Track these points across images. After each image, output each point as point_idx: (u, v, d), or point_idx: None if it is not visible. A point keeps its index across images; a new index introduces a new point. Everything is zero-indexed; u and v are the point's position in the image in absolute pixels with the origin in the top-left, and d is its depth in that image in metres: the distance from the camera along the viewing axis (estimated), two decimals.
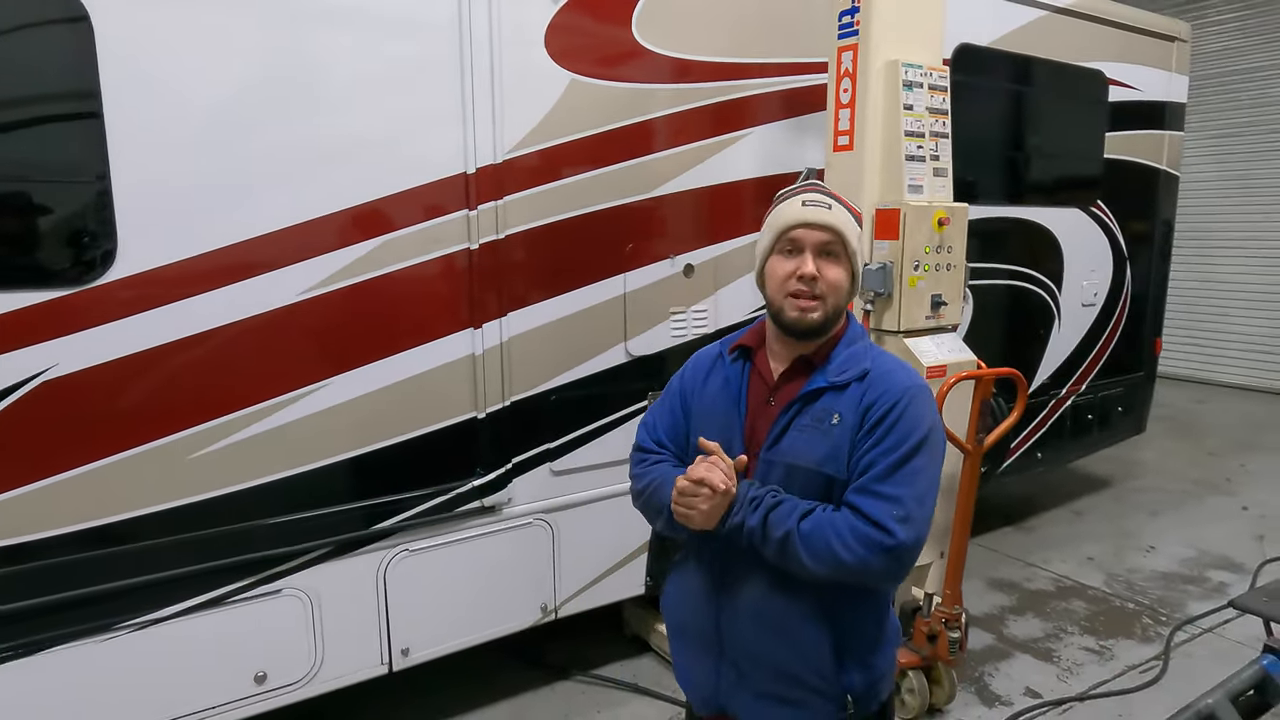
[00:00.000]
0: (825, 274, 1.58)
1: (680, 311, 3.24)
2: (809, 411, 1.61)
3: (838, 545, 1.50)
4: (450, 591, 2.90)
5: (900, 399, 1.57)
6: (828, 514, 1.53)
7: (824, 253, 1.59)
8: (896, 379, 1.60)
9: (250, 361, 2.43)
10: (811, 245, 1.59)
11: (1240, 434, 7.23)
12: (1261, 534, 4.97)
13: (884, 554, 1.50)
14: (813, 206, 1.60)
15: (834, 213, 1.60)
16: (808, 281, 1.57)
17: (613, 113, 2.98)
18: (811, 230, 1.59)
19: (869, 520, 1.50)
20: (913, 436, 1.55)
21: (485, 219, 2.75)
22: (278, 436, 2.49)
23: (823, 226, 1.59)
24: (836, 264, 1.60)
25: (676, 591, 1.81)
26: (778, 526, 1.53)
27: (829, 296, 1.59)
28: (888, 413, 1.55)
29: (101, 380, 2.23)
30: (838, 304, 1.61)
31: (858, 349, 1.65)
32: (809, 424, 1.60)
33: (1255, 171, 8.80)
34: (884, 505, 1.50)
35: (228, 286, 2.37)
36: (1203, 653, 3.61)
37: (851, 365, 1.62)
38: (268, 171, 2.40)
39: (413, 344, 2.69)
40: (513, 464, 2.95)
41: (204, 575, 2.44)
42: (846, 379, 1.60)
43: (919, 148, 2.91)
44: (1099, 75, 4.72)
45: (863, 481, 1.54)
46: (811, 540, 1.51)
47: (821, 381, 1.61)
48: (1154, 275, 5.44)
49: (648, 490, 1.74)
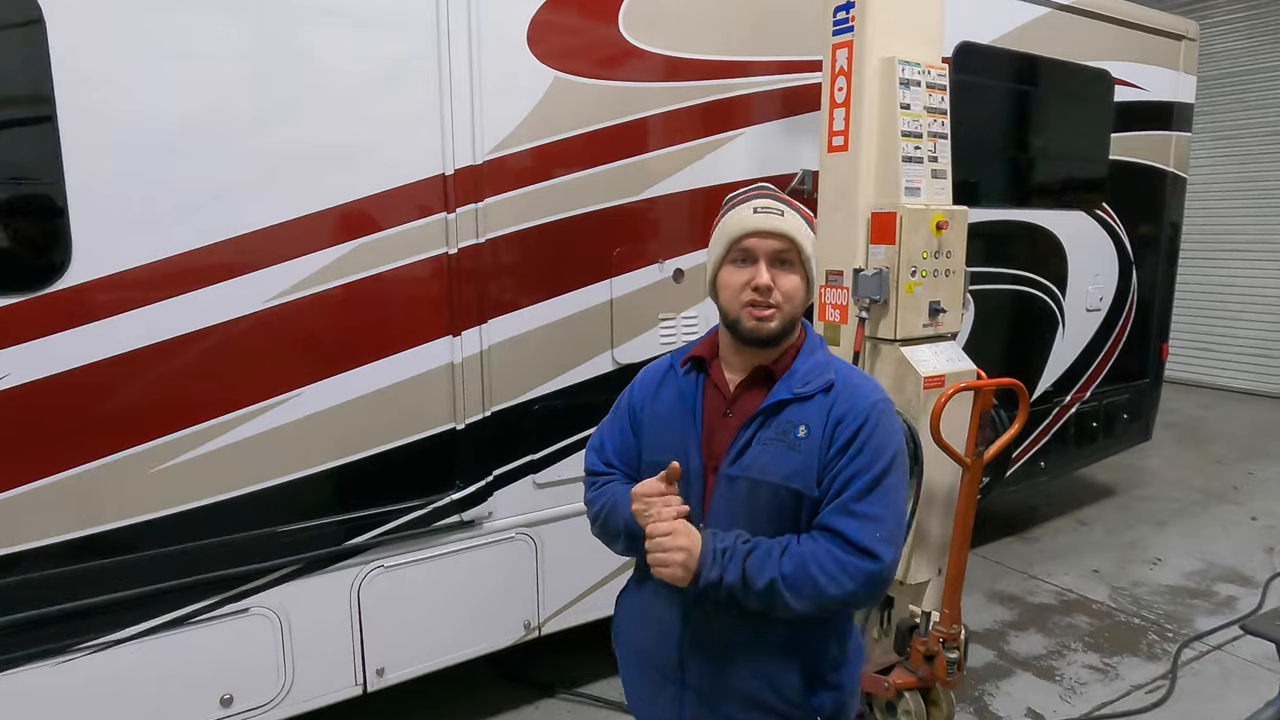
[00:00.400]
0: (780, 283, 1.52)
1: (669, 318, 3.13)
2: (773, 424, 1.53)
3: (824, 581, 1.43)
4: (428, 609, 2.79)
5: (870, 413, 1.51)
6: (805, 547, 1.46)
7: (778, 261, 1.52)
8: (864, 393, 1.55)
9: (216, 370, 2.33)
10: (765, 254, 1.52)
11: (1248, 440, 7.10)
12: (1271, 545, 4.84)
13: (870, 580, 1.45)
14: (765, 213, 1.53)
15: (787, 219, 1.53)
16: (763, 292, 1.50)
17: (599, 112, 2.87)
18: (764, 239, 1.52)
19: (853, 546, 1.43)
20: (886, 453, 1.50)
21: (464, 222, 2.64)
22: (246, 449, 2.39)
23: (776, 234, 1.51)
24: (791, 272, 1.53)
25: (633, 617, 1.72)
26: (759, 576, 1.44)
27: (785, 305, 1.52)
28: (859, 428, 1.49)
29: (57, 391, 2.13)
30: (794, 312, 1.55)
31: (820, 359, 1.59)
32: (774, 437, 1.52)
33: (1262, 173, 8.66)
34: (867, 526, 1.45)
35: (192, 292, 2.26)
36: (1211, 671, 3.48)
37: (815, 376, 1.55)
38: (233, 173, 2.29)
39: (388, 352, 2.58)
40: (494, 476, 2.84)
41: (167, 594, 2.33)
42: (811, 390, 1.53)
43: (916, 148, 2.80)
44: (1105, 75, 4.60)
45: (842, 500, 1.47)
46: (796, 582, 1.43)
47: (785, 393, 1.53)
48: (1161, 279, 5.32)
49: (602, 514, 1.65)
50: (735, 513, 1.53)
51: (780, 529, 1.52)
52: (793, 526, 1.52)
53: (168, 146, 2.20)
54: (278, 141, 2.35)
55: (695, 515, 1.58)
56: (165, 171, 2.20)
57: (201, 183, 2.25)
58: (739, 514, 1.53)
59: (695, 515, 1.58)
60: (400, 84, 2.51)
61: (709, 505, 1.57)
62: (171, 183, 2.21)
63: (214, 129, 2.26)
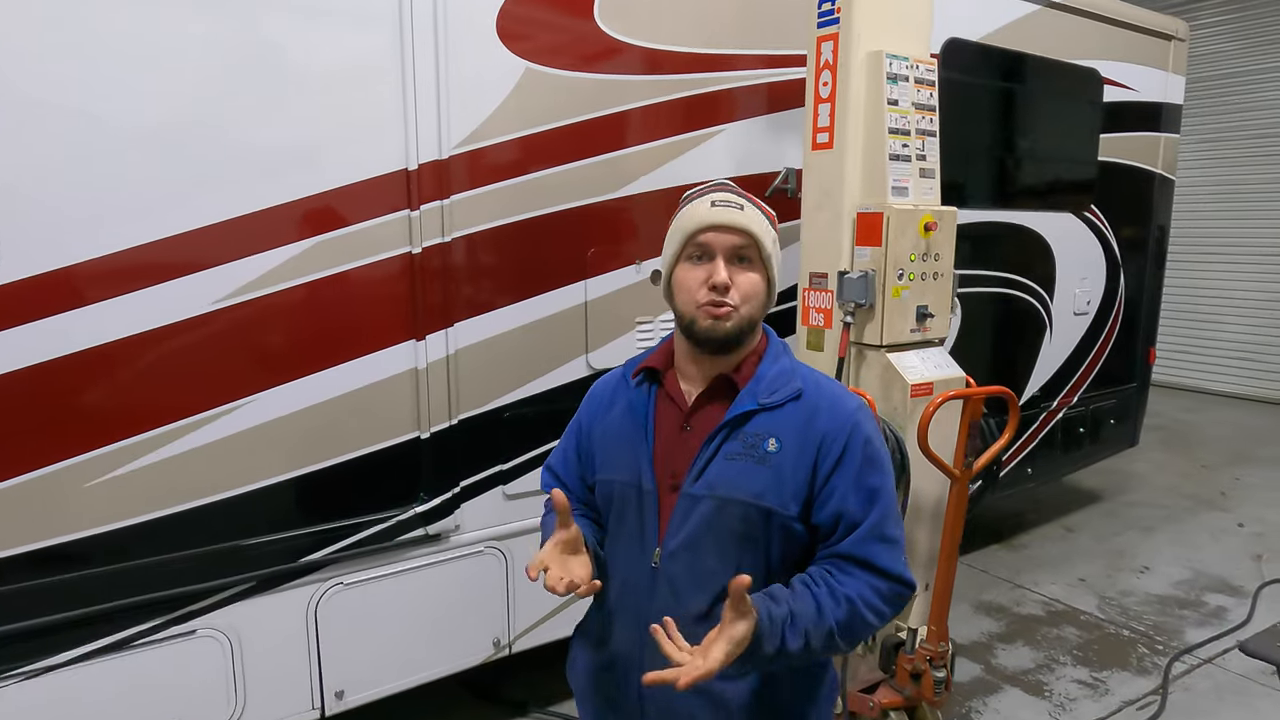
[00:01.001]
0: (739, 281, 1.39)
1: (647, 322, 3.00)
2: (738, 437, 1.41)
3: (871, 617, 1.37)
4: (390, 628, 2.64)
5: (858, 424, 1.41)
6: (850, 589, 1.36)
7: (737, 258, 1.40)
8: (843, 401, 1.44)
9: (158, 378, 2.18)
10: (723, 250, 1.39)
11: (1234, 445, 7.05)
12: (1259, 553, 4.77)
13: (901, 605, 1.42)
14: (723, 207, 1.40)
15: (746, 213, 1.41)
16: (720, 290, 1.38)
17: (572, 105, 2.74)
18: (722, 233, 1.39)
19: (887, 575, 1.37)
20: (879, 466, 1.42)
21: (429, 220, 2.50)
22: (192, 460, 2.23)
23: (735, 229, 1.39)
24: (750, 270, 1.41)
25: (589, 660, 1.59)
26: (816, 633, 1.33)
27: (743, 305, 1.40)
28: (849, 442, 1.39)
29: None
30: (753, 313, 1.42)
31: (784, 365, 1.47)
32: (740, 451, 1.40)
33: (1245, 176, 8.65)
34: (894, 551, 1.40)
35: (130, 294, 2.11)
36: (1203, 686, 3.39)
37: (782, 384, 1.43)
38: (175, 167, 2.14)
39: (347, 357, 2.44)
40: (461, 488, 2.70)
41: (106, 617, 2.17)
42: (779, 399, 1.42)
43: (904, 146, 2.68)
44: (1094, 74, 4.51)
45: (870, 526, 1.37)
46: (850, 627, 1.36)
47: (751, 403, 1.41)
48: (1148, 282, 5.25)
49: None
50: (697, 535, 1.41)
51: (748, 551, 1.40)
52: (762, 549, 1.41)
53: (102, 140, 2.04)
54: (227, 132, 2.19)
55: (651, 536, 1.46)
56: (100, 166, 2.05)
57: (142, 177, 2.10)
58: (702, 536, 1.41)
59: (651, 536, 1.46)
60: (360, 72, 2.37)
61: (665, 528, 1.44)
62: (107, 178, 2.06)
63: (157, 121, 2.10)
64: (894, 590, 1.38)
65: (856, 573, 1.36)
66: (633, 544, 1.46)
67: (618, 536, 1.51)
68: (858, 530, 1.37)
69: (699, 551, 1.41)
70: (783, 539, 1.40)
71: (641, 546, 1.45)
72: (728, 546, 1.40)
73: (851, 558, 1.37)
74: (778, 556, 1.41)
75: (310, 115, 2.31)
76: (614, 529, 1.52)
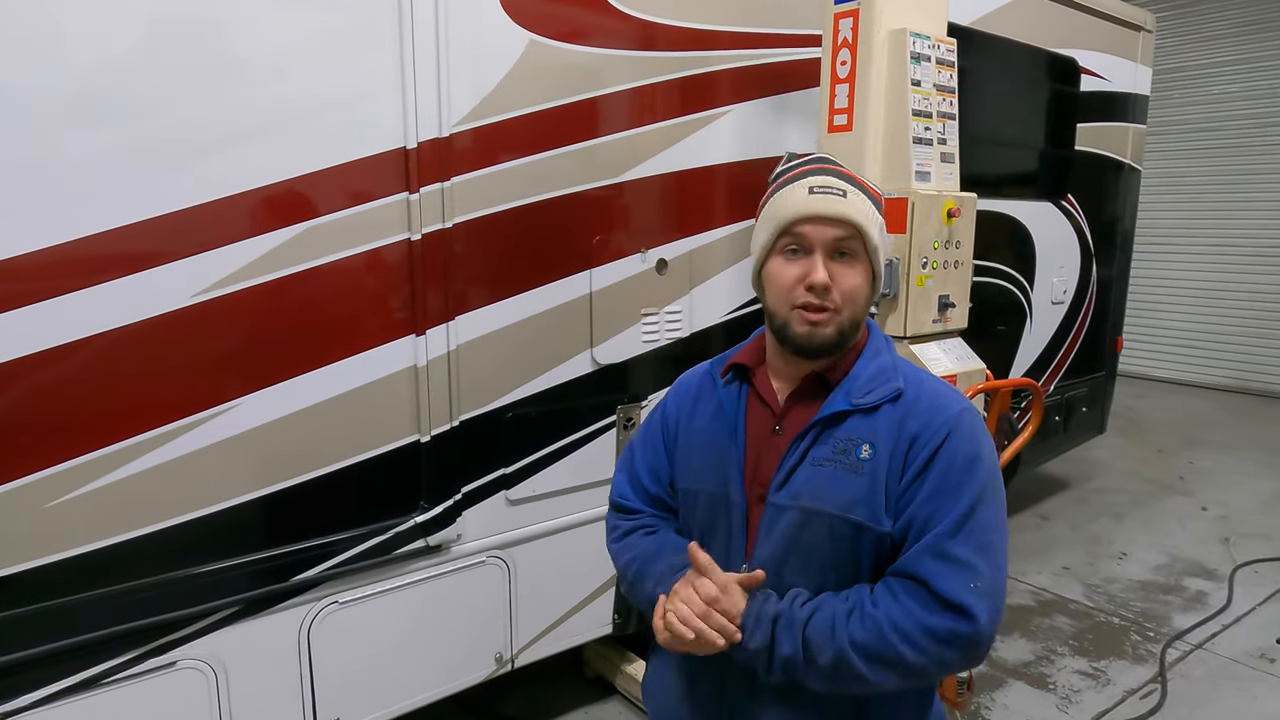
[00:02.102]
0: (840, 280, 1.23)
1: (652, 313, 2.84)
2: (828, 441, 1.25)
3: (905, 649, 1.16)
4: (389, 648, 2.43)
5: (954, 429, 1.23)
6: (881, 608, 1.18)
7: (838, 253, 1.24)
8: (944, 401, 1.27)
9: (131, 381, 1.92)
10: (822, 244, 1.23)
11: (1184, 430, 7.26)
12: (1226, 536, 4.88)
13: (965, 645, 1.17)
14: (822, 194, 1.23)
15: (849, 201, 1.24)
16: (819, 292, 1.22)
17: (579, 82, 2.55)
18: (821, 225, 1.23)
19: (942, 601, 1.15)
20: (976, 478, 1.22)
21: (429, 204, 2.29)
22: (170, 473, 1.98)
23: (836, 220, 1.22)
24: (854, 266, 1.24)
25: (664, 682, 1.45)
26: (824, 648, 1.17)
27: (845, 308, 1.24)
28: (941, 447, 1.22)
29: None
30: (855, 315, 1.26)
31: (884, 362, 1.31)
32: (830, 457, 1.24)
33: (1184, 169, 8.92)
34: (959, 574, 1.16)
35: (98, 286, 1.85)
36: (1198, 673, 3.41)
37: (880, 383, 1.27)
38: (145, 145, 1.88)
39: (341, 355, 2.21)
40: (462, 494, 2.50)
41: (75, 652, 1.91)
42: (875, 400, 1.26)
43: (927, 129, 2.58)
44: (1074, 64, 4.51)
45: (932, 540, 1.18)
46: (873, 651, 1.16)
47: (843, 403, 1.26)
48: (1117, 272, 5.32)
49: (629, 573, 1.40)
50: (783, 552, 1.26)
51: (839, 573, 1.25)
52: (853, 569, 1.25)
53: (58, 115, 1.78)
54: (208, 105, 1.94)
55: (739, 551, 1.32)
56: (54, 145, 1.78)
57: (105, 155, 1.84)
58: (788, 553, 1.26)
59: (739, 551, 1.32)
60: (354, 42, 2.14)
61: (753, 543, 1.30)
62: (63, 158, 1.79)
63: (121, 92, 1.84)
64: (946, 624, 1.14)
65: (900, 593, 1.18)
66: (719, 560, 1.31)
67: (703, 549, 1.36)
68: (920, 543, 1.19)
69: (783, 569, 1.27)
70: (875, 557, 1.25)
71: (727, 563, 1.30)
72: (814, 565, 1.26)
73: (904, 574, 1.20)
74: (869, 576, 1.26)
75: (302, 88, 2.07)
76: (699, 541, 1.36)
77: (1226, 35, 8.58)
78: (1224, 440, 6.91)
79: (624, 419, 2.82)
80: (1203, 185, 8.82)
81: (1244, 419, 7.60)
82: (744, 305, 3.06)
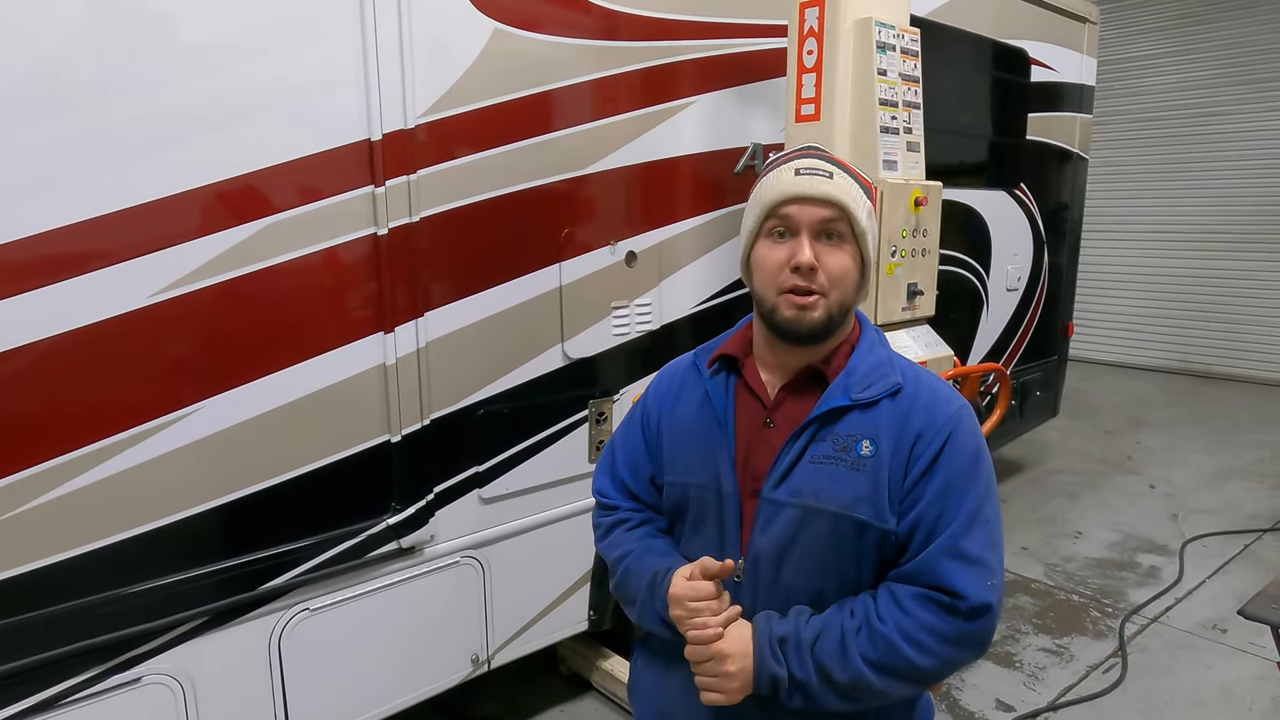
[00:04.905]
0: (827, 262, 1.22)
1: (623, 306, 2.81)
2: (828, 437, 1.24)
3: (920, 659, 1.17)
4: (363, 654, 2.38)
5: (958, 425, 1.23)
6: (891, 623, 1.18)
7: (825, 234, 1.23)
8: (944, 397, 1.27)
9: (83, 386, 1.83)
10: (808, 225, 1.22)
11: (1129, 411, 7.50)
12: (1174, 513, 5.05)
13: (976, 643, 1.20)
14: (808, 175, 1.23)
15: (836, 182, 1.23)
16: (805, 273, 1.21)
17: (545, 72, 2.51)
18: (807, 206, 1.22)
19: (959, 604, 1.15)
20: (981, 474, 1.23)
21: (395, 197, 2.23)
22: (127, 482, 1.90)
23: (822, 200, 1.22)
24: (841, 248, 1.24)
25: (652, 680, 1.43)
26: (839, 670, 1.17)
27: (833, 290, 1.23)
28: (946, 445, 1.22)
29: None
30: (844, 299, 1.25)
31: (881, 357, 1.30)
32: (831, 454, 1.23)
33: (1122, 158, 9.18)
34: (976, 573, 1.17)
35: (46, 288, 1.75)
36: (1156, 645, 3.53)
37: (878, 377, 1.26)
38: (97, 136, 1.79)
39: (308, 354, 2.14)
40: (435, 494, 2.45)
41: (32, 671, 1.82)
42: (874, 395, 1.24)
43: (893, 118, 2.60)
44: (1024, 54, 4.60)
45: (945, 541, 1.18)
46: (889, 667, 1.17)
47: (842, 398, 1.24)
48: (1067, 259, 5.45)
49: (617, 571, 1.38)
50: (782, 548, 1.25)
51: (835, 569, 1.25)
52: (853, 566, 1.25)
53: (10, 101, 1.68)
54: (160, 96, 1.86)
55: (733, 545, 1.30)
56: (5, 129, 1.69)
57: (48, 149, 1.74)
58: (786, 549, 1.25)
59: (733, 545, 1.30)
60: (315, 29, 2.06)
61: (748, 537, 1.28)
62: (14, 142, 1.70)
63: (66, 81, 1.75)
64: (959, 627, 1.15)
65: (910, 605, 1.18)
66: (710, 552, 1.29)
67: (692, 545, 1.34)
68: (934, 543, 1.19)
69: (780, 566, 1.25)
70: (878, 556, 1.24)
71: (720, 555, 1.28)
72: (812, 562, 1.24)
73: (917, 577, 1.19)
74: (870, 575, 1.26)
75: (258, 77, 1.99)
76: (689, 537, 1.35)
77: (1158, 29, 8.87)
78: (1167, 420, 7.15)
79: (596, 414, 2.80)
80: (1141, 174, 9.10)
81: (1185, 399, 7.87)
82: (713, 296, 3.06)
